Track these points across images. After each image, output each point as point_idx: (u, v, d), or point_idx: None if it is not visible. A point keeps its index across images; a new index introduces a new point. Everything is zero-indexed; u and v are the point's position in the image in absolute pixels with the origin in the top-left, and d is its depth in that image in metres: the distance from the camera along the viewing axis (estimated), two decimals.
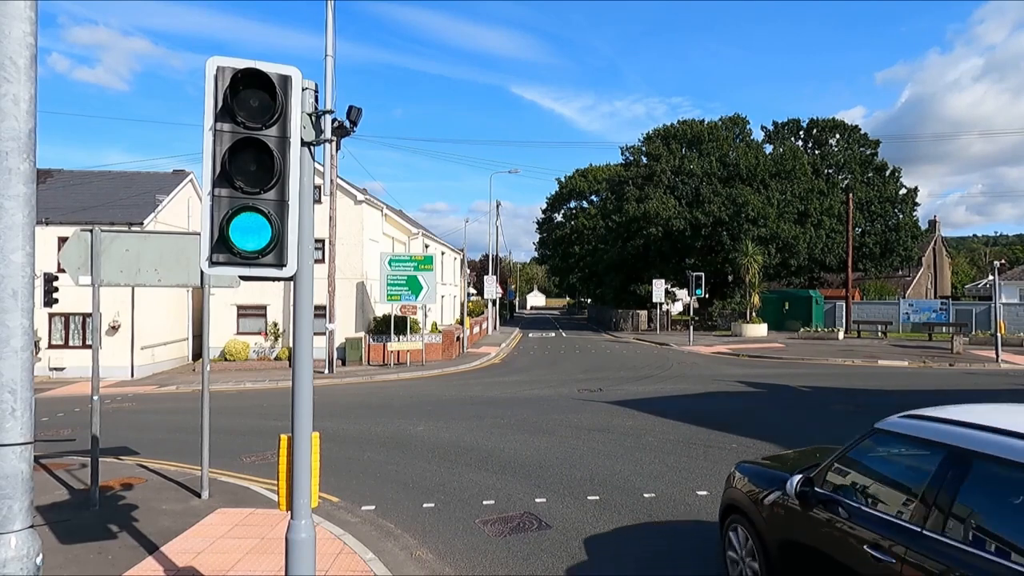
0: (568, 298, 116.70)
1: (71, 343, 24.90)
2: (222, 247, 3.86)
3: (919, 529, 3.58)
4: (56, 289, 11.05)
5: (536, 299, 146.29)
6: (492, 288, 43.72)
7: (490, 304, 49.25)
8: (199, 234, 4.01)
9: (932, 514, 3.56)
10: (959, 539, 3.37)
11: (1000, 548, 3.18)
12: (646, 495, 8.47)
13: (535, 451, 11.05)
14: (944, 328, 35.30)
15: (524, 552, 6.72)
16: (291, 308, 20.10)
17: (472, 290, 56.76)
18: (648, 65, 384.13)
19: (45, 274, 11.21)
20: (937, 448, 3.80)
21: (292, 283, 4.27)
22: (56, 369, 24.47)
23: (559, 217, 75.29)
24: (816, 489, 4.47)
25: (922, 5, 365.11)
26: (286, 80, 4.00)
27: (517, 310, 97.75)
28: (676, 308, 61.41)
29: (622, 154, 54.25)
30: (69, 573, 6.10)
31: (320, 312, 23.26)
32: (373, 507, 8.31)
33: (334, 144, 22.88)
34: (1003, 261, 38.86)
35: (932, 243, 59.61)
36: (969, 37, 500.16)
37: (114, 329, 24.23)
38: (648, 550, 6.69)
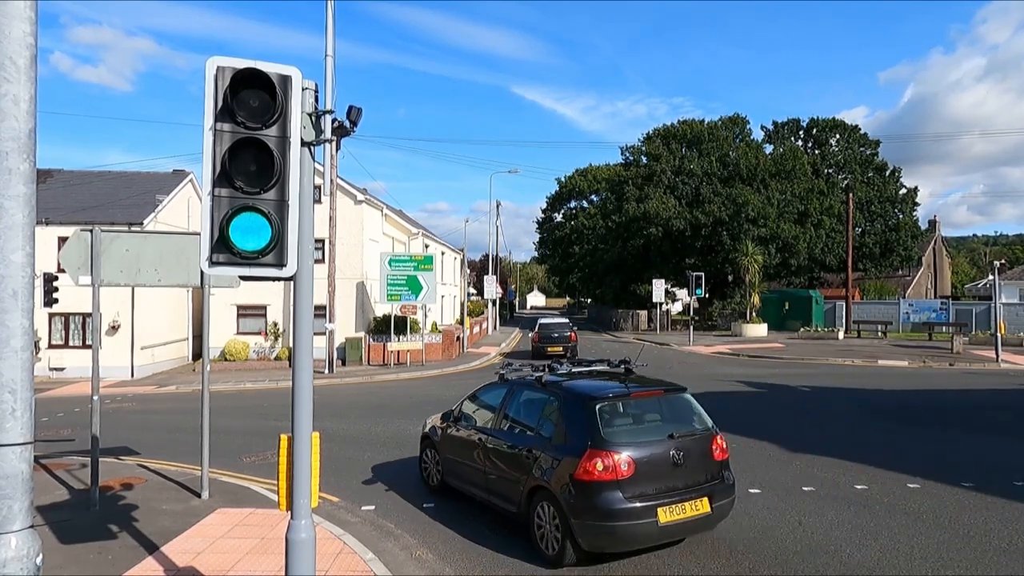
0: (568, 298, 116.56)
1: (71, 343, 24.89)
2: (222, 247, 3.86)
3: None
4: (56, 289, 11.05)
5: (536, 299, 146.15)
6: (492, 288, 43.72)
7: (490, 304, 49.24)
8: (199, 234, 4.00)
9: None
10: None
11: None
12: None
13: None
14: (944, 328, 35.28)
15: (524, 552, 6.71)
16: (291, 308, 20.09)
17: (472, 290, 56.76)
18: (650, 65, 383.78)
19: (45, 274, 11.21)
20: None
21: (292, 283, 4.27)
22: (56, 369, 24.46)
23: (559, 217, 75.22)
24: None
25: (925, 5, 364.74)
26: (286, 80, 4.00)
27: (517, 310, 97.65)
28: (676, 308, 61.38)
29: (622, 154, 54.26)
30: (69, 573, 6.10)
31: (320, 312, 23.24)
32: (373, 507, 8.31)
33: (334, 144, 22.88)
34: (1003, 261, 38.81)
35: (932, 243, 59.59)
36: (972, 37, 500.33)
37: (114, 329, 24.23)
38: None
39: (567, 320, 30.46)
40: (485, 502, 7.63)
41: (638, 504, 6.00)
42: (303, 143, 4.12)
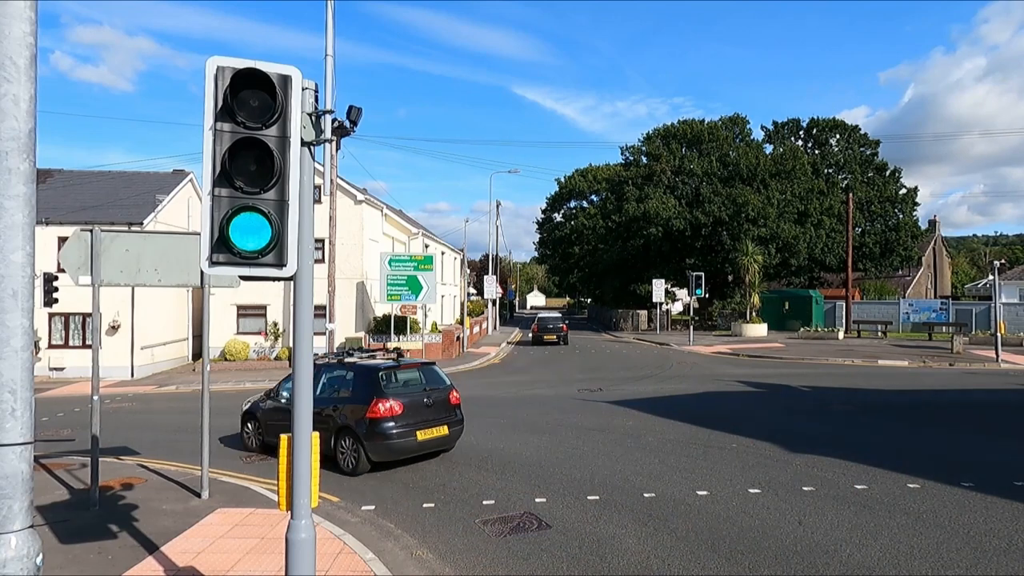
0: (568, 298, 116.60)
1: (71, 343, 24.89)
2: (222, 247, 3.86)
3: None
4: (56, 289, 11.05)
5: (536, 299, 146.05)
6: (492, 288, 43.72)
7: (490, 304, 49.24)
8: (199, 234, 4.01)
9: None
10: None
11: None
12: (646, 495, 8.47)
13: (535, 451, 11.05)
14: (944, 328, 35.27)
15: (524, 552, 6.71)
16: (291, 308, 20.07)
17: (472, 290, 56.78)
18: (650, 65, 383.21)
19: (45, 274, 11.21)
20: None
21: (292, 283, 4.27)
22: (56, 369, 24.46)
23: (559, 217, 75.06)
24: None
25: (925, 5, 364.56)
26: (286, 80, 4.00)
27: (517, 310, 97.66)
28: (676, 308, 61.41)
29: (622, 154, 54.25)
30: (69, 573, 6.10)
31: (320, 312, 23.21)
32: (373, 507, 8.31)
33: (334, 144, 22.86)
34: (1003, 261, 38.82)
35: (932, 243, 59.59)
36: (973, 37, 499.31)
37: (114, 329, 24.23)
38: None
39: (560, 315, 42.70)
40: None
41: (404, 429, 9.67)
42: (303, 143, 4.12)
